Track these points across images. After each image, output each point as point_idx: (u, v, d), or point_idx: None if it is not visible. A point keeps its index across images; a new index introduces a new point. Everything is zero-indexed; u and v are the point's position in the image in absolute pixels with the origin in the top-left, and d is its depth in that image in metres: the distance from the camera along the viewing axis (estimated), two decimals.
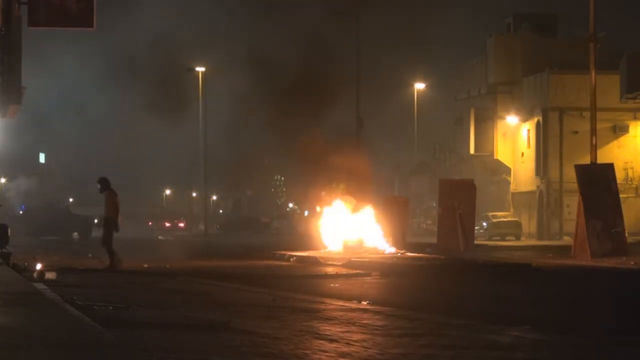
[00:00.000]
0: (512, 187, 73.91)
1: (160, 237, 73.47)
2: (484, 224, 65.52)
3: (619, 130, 66.42)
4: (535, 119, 69.31)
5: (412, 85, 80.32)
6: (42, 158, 43.43)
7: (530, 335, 11.61)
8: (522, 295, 19.76)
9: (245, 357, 9.55)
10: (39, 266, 22.32)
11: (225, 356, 9.56)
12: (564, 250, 38.08)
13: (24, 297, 15.50)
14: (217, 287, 20.17)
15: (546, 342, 11.26)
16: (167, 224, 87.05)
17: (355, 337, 11.20)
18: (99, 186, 26.30)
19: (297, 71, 40.43)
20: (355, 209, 37.39)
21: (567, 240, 54.22)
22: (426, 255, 33.57)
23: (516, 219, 68.12)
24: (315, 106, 40.52)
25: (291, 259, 33.36)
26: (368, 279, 24.36)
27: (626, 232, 34.49)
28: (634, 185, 66.11)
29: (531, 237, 66.81)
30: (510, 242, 59.94)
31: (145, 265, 29.01)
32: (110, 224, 26.12)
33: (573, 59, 62.08)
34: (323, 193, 38.65)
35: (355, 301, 16.52)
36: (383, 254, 34.30)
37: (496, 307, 16.84)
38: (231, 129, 43.14)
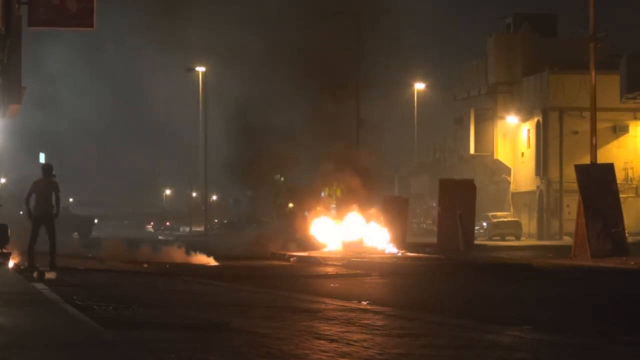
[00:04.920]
0: (512, 187, 73.91)
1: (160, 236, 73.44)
2: (484, 224, 65.51)
3: (619, 130, 66.42)
4: (535, 119, 69.31)
5: (412, 85, 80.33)
6: (42, 158, 43.41)
7: (530, 335, 11.61)
8: (522, 295, 19.76)
9: (245, 357, 9.55)
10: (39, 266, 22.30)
11: (225, 356, 9.56)
12: (564, 250, 38.07)
13: (24, 297, 15.50)
14: (217, 287, 20.17)
15: (546, 342, 11.26)
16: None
17: (355, 337, 11.20)
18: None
19: (298, 70, 40.48)
20: (355, 210, 37.40)
21: (567, 240, 54.22)
22: (426, 255, 33.57)
23: (516, 219, 68.12)
24: (315, 105, 40.55)
25: (291, 259, 33.37)
26: (368, 279, 24.35)
27: (626, 232, 34.47)
28: (634, 185, 66.11)
29: (531, 237, 66.81)
30: (510, 242, 59.93)
31: (145, 265, 29.03)
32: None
33: (573, 59, 62.08)
34: (323, 194, 38.68)
35: (355, 301, 16.52)
36: (383, 253, 34.30)
37: (496, 307, 16.85)
38: (232, 129, 43.16)
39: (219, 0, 45.33)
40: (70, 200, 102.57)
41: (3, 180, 59.59)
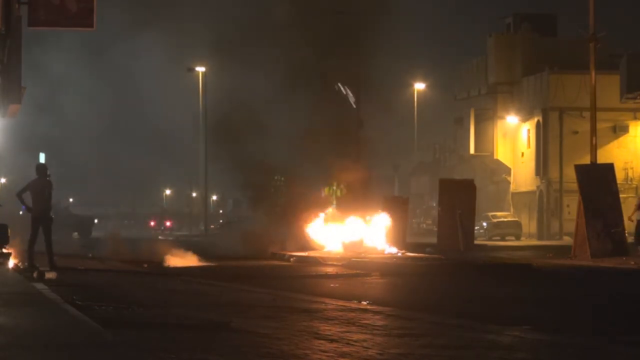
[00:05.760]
0: (512, 187, 73.94)
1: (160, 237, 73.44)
2: (484, 224, 65.52)
3: (619, 130, 66.47)
4: (535, 119, 69.33)
5: (412, 85, 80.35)
6: (42, 158, 43.44)
7: (530, 335, 11.61)
8: (522, 295, 19.75)
9: (245, 357, 9.55)
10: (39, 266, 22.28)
11: (225, 356, 9.56)
12: (564, 250, 38.06)
13: (24, 297, 15.50)
14: (217, 287, 20.17)
15: (546, 342, 11.26)
16: None
17: (355, 337, 11.20)
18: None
19: (298, 70, 40.47)
20: (355, 210, 37.38)
21: (567, 240, 54.22)
22: (426, 255, 33.56)
23: (516, 219, 68.14)
24: (315, 105, 40.52)
25: (291, 259, 33.36)
26: (368, 279, 24.35)
27: (626, 232, 34.47)
28: (634, 185, 66.12)
29: (531, 237, 66.83)
30: (510, 242, 59.94)
31: (145, 265, 29.02)
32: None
33: (573, 59, 62.11)
34: (323, 194, 38.65)
35: (355, 301, 16.51)
36: (383, 253, 34.28)
37: (496, 307, 16.84)
38: (232, 128, 43.16)
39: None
40: (70, 200, 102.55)
41: (3, 180, 59.61)
